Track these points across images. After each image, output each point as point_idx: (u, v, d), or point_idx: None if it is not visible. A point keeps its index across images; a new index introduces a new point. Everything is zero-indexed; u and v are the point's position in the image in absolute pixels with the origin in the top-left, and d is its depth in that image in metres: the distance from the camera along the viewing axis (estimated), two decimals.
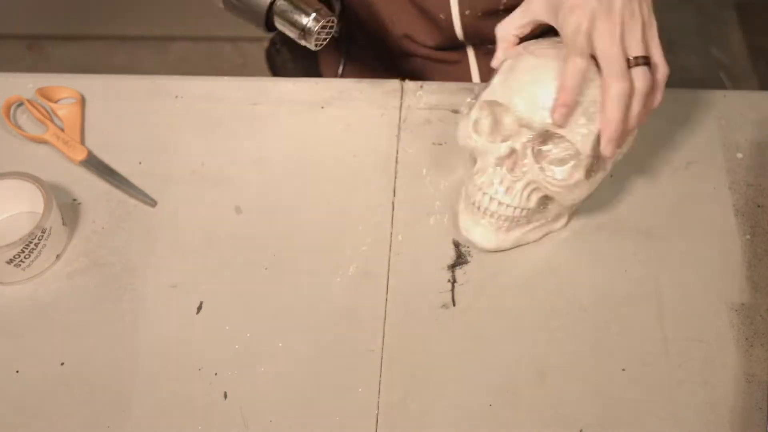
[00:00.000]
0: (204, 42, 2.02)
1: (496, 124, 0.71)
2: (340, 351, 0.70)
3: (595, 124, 0.66)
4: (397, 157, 0.82)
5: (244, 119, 0.85)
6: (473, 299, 0.73)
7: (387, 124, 0.84)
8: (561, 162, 0.69)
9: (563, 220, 0.76)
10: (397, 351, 0.70)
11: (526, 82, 0.68)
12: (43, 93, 0.86)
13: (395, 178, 0.80)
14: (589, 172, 0.69)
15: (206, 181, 0.81)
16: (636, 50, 0.65)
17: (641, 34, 0.65)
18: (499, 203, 0.71)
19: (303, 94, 0.87)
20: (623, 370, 0.69)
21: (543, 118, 0.66)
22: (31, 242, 0.71)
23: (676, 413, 0.67)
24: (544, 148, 0.69)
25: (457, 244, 0.76)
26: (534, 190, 0.70)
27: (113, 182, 0.80)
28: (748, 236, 0.76)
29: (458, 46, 0.95)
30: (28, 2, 2.03)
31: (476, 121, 0.71)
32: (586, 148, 0.67)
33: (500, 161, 0.70)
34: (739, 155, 0.81)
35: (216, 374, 0.69)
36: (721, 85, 1.83)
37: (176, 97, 0.87)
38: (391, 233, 0.77)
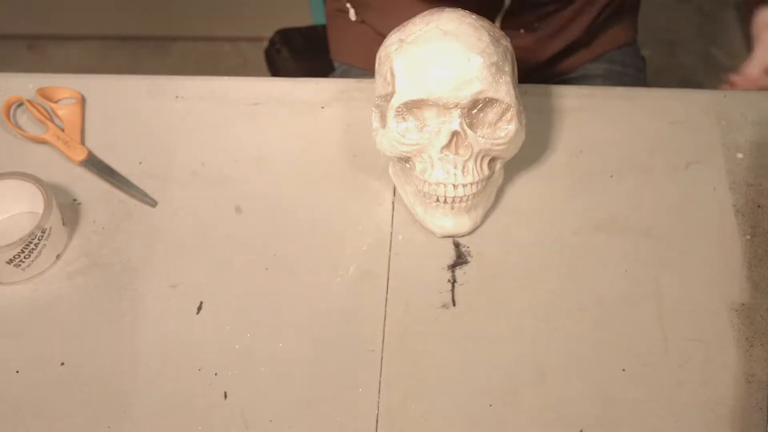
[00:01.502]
0: (204, 42, 2.02)
1: (420, 121, 0.71)
2: (340, 351, 0.70)
3: (507, 75, 0.70)
4: None
5: (244, 119, 0.85)
6: (473, 299, 0.73)
7: None
8: (497, 122, 0.71)
9: (502, 174, 0.77)
10: (397, 351, 0.70)
11: (434, 70, 0.68)
12: (43, 93, 0.86)
13: None
14: (520, 118, 0.72)
15: (206, 181, 0.81)
16: None
17: None
18: (463, 186, 0.72)
19: (303, 94, 0.87)
20: (623, 370, 0.69)
21: (470, 90, 0.68)
22: (31, 242, 0.71)
23: (676, 413, 0.67)
24: (478, 117, 0.71)
25: (457, 244, 0.76)
26: (483, 157, 0.72)
27: (113, 182, 0.80)
28: (748, 236, 0.76)
29: None
30: (28, 2, 2.03)
31: (401, 126, 0.71)
32: (511, 98, 0.70)
33: (445, 149, 0.71)
34: (739, 155, 0.81)
35: (216, 374, 0.69)
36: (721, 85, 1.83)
37: (176, 97, 0.87)
38: (391, 233, 0.77)
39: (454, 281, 0.74)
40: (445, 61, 0.68)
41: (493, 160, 0.74)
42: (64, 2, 1.99)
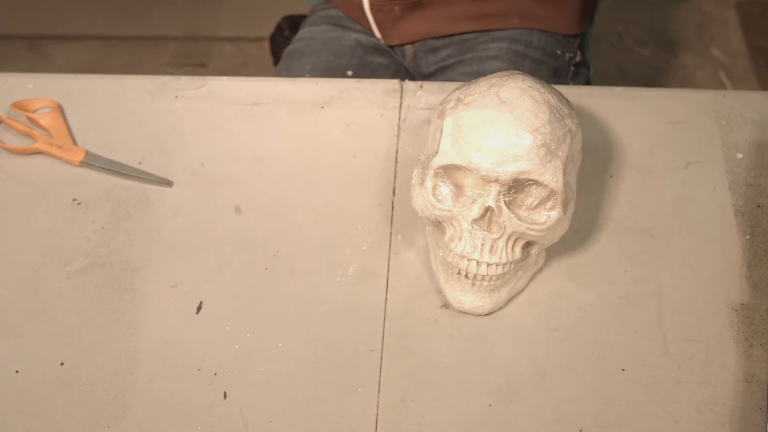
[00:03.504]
0: (204, 42, 2.02)
1: (457, 187, 0.68)
2: (340, 351, 0.70)
3: (559, 159, 0.65)
4: (397, 157, 0.82)
5: (244, 119, 0.85)
6: None
7: (387, 124, 0.84)
8: (539, 206, 0.67)
9: (543, 258, 0.73)
10: (397, 351, 0.70)
11: (480, 139, 0.64)
12: (18, 106, 0.84)
13: (395, 178, 0.80)
14: (565, 206, 0.67)
15: (206, 181, 0.81)
16: None
17: None
18: (488, 265, 0.67)
19: (303, 94, 0.87)
20: (623, 370, 0.69)
21: (513, 168, 0.64)
22: None
23: (676, 413, 0.67)
24: (518, 197, 0.67)
25: None
26: (516, 240, 0.68)
27: (120, 173, 0.80)
28: (748, 236, 0.76)
29: None
30: (28, 2, 2.03)
31: (435, 187, 0.68)
32: (558, 184, 0.65)
33: (475, 223, 0.67)
34: (739, 155, 0.81)
35: (216, 374, 0.69)
36: (721, 85, 1.83)
37: (176, 97, 0.87)
38: (391, 233, 0.77)
39: None
40: (493, 133, 0.64)
41: (529, 243, 0.69)
42: (64, 2, 2.00)
